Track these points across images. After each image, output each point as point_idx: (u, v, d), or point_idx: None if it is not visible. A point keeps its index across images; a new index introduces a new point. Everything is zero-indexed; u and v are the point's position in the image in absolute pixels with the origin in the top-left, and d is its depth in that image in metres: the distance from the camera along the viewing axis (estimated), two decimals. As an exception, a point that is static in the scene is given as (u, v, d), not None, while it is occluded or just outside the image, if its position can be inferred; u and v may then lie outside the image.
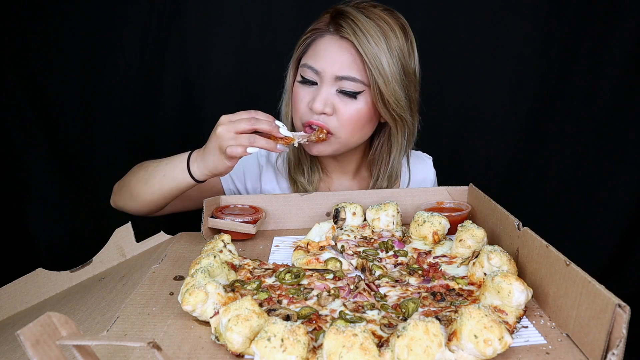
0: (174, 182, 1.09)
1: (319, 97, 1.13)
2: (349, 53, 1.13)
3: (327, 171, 1.33)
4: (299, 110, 1.18)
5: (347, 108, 1.14)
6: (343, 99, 1.14)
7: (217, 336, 0.67)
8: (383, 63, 1.12)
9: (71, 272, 1.10)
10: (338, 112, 1.14)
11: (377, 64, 1.11)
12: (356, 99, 1.14)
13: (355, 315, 0.72)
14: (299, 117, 1.18)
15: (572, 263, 0.67)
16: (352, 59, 1.13)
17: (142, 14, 1.82)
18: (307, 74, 1.16)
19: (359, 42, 1.11)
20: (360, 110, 1.15)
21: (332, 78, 1.13)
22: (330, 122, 1.14)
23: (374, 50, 1.11)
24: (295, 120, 1.21)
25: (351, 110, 1.14)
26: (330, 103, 1.14)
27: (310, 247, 0.97)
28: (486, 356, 0.59)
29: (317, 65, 1.14)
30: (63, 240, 1.93)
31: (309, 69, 1.15)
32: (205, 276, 0.75)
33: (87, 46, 1.82)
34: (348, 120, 1.15)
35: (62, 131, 1.88)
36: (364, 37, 1.11)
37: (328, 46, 1.15)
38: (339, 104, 1.14)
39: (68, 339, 0.49)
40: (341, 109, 1.14)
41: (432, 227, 0.97)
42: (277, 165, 1.34)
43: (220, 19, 1.86)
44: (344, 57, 1.13)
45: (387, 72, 1.12)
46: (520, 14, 1.93)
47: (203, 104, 1.92)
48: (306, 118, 1.16)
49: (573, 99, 2.00)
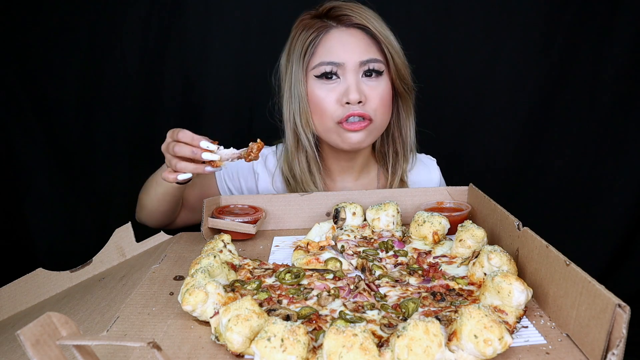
0: (162, 186, 1.13)
1: (351, 87, 1.14)
2: (363, 38, 1.16)
3: (332, 174, 1.31)
4: (327, 111, 1.16)
5: (376, 91, 1.16)
6: (368, 83, 1.16)
7: (217, 336, 0.67)
8: (391, 40, 1.18)
9: (71, 272, 1.10)
10: (369, 97, 1.16)
11: (389, 42, 1.17)
12: (379, 81, 1.17)
13: (355, 315, 0.72)
14: (330, 118, 1.16)
15: (572, 263, 0.67)
16: (368, 43, 1.17)
17: (142, 14, 1.82)
18: (326, 69, 1.15)
19: (370, 24, 1.15)
20: (385, 89, 1.18)
21: (356, 66, 1.14)
22: (367, 109, 1.15)
23: (382, 30, 1.16)
24: (325, 124, 1.17)
25: (380, 91, 1.17)
26: (361, 90, 1.15)
27: (310, 247, 0.97)
28: (486, 356, 0.59)
29: (337, 58, 1.14)
30: (63, 240, 1.93)
31: (328, 65, 1.15)
32: (205, 276, 0.75)
33: (87, 46, 1.83)
34: (380, 102, 1.17)
35: (62, 131, 1.88)
36: (370, 20, 1.16)
37: (340, 38, 1.16)
38: (367, 90, 1.16)
39: (68, 339, 0.49)
40: (371, 94, 1.16)
41: (432, 227, 0.97)
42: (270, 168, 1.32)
43: (220, 19, 1.86)
44: (360, 43, 1.16)
45: (396, 47, 1.19)
46: (520, 14, 1.93)
47: (203, 104, 1.92)
48: (340, 115, 1.15)
49: (573, 99, 2.00)
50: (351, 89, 1.13)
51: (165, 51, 1.86)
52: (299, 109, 1.19)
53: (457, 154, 2.05)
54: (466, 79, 1.98)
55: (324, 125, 1.18)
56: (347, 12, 1.16)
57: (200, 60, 1.89)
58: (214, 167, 0.96)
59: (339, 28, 1.17)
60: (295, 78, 1.18)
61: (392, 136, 1.29)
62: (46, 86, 1.84)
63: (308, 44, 1.17)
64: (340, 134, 1.17)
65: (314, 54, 1.17)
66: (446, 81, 1.97)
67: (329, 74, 1.15)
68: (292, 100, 1.20)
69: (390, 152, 1.30)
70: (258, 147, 0.97)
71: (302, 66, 1.18)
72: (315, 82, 1.17)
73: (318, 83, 1.16)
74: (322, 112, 1.17)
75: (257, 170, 1.33)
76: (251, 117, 1.93)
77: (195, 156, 0.95)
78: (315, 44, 1.16)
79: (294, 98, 1.20)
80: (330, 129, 1.18)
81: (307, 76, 1.18)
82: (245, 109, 1.91)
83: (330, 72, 1.15)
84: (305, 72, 1.18)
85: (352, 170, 1.30)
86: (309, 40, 1.17)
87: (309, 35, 1.17)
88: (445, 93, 1.98)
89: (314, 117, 1.19)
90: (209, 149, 0.95)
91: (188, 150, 0.95)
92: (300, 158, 1.24)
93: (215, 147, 0.95)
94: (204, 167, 0.96)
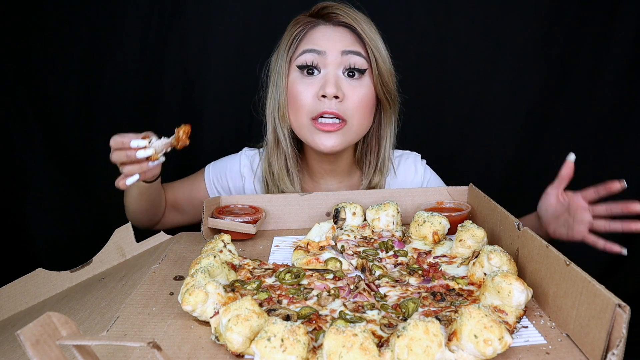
0: (136, 187, 1.15)
1: (329, 81, 1.12)
2: (349, 35, 1.16)
3: (315, 177, 1.30)
4: (304, 105, 1.14)
5: (355, 91, 1.14)
6: (350, 82, 1.15)
7: (217, 336, 0.67)
8: (379, 44, 1.17)
9: (71, 272, 1.10)
10: (347, 96, 1.14)
11: (375, 45, 1.16)
12: (360, 82, 1.15)
13: (355, 315, 0.72)
14: (306, 113, 1.14)
15: (572, 263, 0.67)
16: (353, 39, 1.16)
17: (142, 13, 1.82)
18: (306, 60, 1.14)
19: (357, 23, 1.15)
20: (367, 93, 1.16)
21: (337, 56, 1.13)
22: (343, 108, 1.13)
23: (369, 31, 1.16)
24: (301, 119, 1.16)
25: (360, 93, 1.15)
26: (339, 86, 1.13)
27: (310, 247, 0.97)
28: (486, 356, 0.59)
29: (320, 47, 1.14)
30: (63, 240, 1.93)
31: (310, 53, 1.14)
32: (205, 276, 0.75)
33: (87, 45, 1.82)
34: (358, 104, 1.15)
35: (62, 131, 1.88)
36: (358, 21, 1.16)
37: (325, 32, 1.16)
38: (346, 88, 1.14)
39: (68, 339, 0.49)
40: (350, 93, 1.14)
41: (432, 227, 0.97)
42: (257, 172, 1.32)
43: (220, 19, 1.85)
44: (345, 37, 1.15)
45: (382, 52, 1.17)
46: (520, 14, 1.92)
47: (203, 104, 1.92)
48: (316, 110, 1.13)
49: (573, 99, 2.00)
50: (329, 82, 1.11)
51: (165, 51, 1.86)
52: (278, 102, 1.19)
53: (457, 154, 2.05)
54: (466, 78, 1.98)
55: (298, 120, 1.17)
56: (336, 11, 1.16)
57: (200, 60, 1.89)
58: (155, 161, 0.98)
59: (326, 25, 1.17)
60: (279, 71, 1.18)
61: (369, 145, 1.28)
62: (46, 86, 1.84)
63: (294, 37, 1.17)
64: (313, 134, 1.15)
65: (299, 45, 1.17)
66: (446, 81, 1.96)
67: (310, 67, 1.14)
68: (273, 94, 1.21)
69: (366, 162, 1.29)
70: (184, 131, 0.97)
71: (286, 58, 1.18)
72: (296, 75, 1.16)
73: (299, 77, 1.16)
74: (298, 106, 1.15)
75: (243, 174, 1.33)
76: (251, 117, 1.92)
77: (130, 158, 0.96)
78: (301, 36, 1.17)
79: (275, 92, 1.20)
80: (303, 125, 1.16)
81: (289, 68, 1.18)
82: (245, 109, 1.90)
83: (311, 63, 1.14)
84: (288, 63, 1.18)
85: (335, 173, 1.29)
86: (295, 34, 1.17)
87: (296, 29, 1.18)
88: (445, 93, 1.97)
89: (290, 111, 1.18)
90: (139, 147, 0.96)
91: (123, 155, 0.96)
92: (280, 155, 1.24)
93: (145, 142, 0.96)
94: (146, 165, 0.98)
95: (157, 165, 1.00)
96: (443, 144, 2.01)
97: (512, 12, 1.92)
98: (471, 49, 1.95)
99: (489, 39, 1.94)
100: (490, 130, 2.03)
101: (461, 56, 1.96)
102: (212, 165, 1.35)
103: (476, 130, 2.03)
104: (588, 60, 1.96)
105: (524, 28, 1.94)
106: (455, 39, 1.94)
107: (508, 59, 1.96)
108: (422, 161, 1.38)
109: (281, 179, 1.24)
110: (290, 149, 1.23)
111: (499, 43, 1.95)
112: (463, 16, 1.92)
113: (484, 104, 2.01)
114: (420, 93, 1.28)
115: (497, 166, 2.07)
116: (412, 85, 1.33)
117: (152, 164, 0.98)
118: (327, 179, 1.30)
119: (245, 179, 1.32)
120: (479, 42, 1.94)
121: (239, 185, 1.33)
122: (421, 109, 1.30)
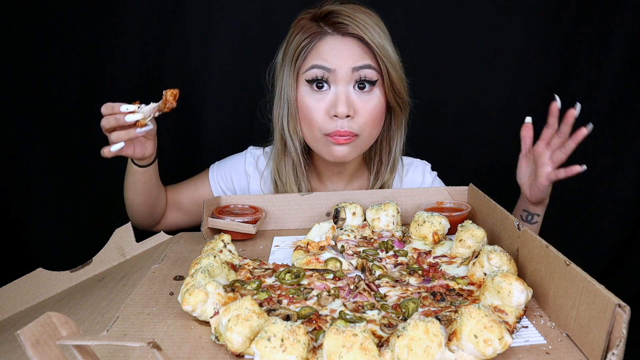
0: (130, 175, 1.17)
1: (340, 100, 1.11)
2: (358, 47, 1.12)
3: (322, 178, 1.31)
4: (315, 122, 1.14)
5: (366, 106, 1.13)
6: (360, 96, 1.13)
7: (217, 336, 0.67)
8: (389, 51, 1.13)
9: (71, 272, 1.10)
10: (358, 112, 1.13)
11: (385, 54, 1.12)
12: (371, 94, 1.14)
13: (355, 315, 0.72)
14: (317, 129, 1.14)
15: (572, 263, 0.67)
16: (363, 51, 1.12)
17: (142, 13, 1.82)
18: (316, 75, 1.12)
19: (365, 34, 1.11)
20: (377, 105, 1.15)
21: (348, 72, 1.11)
22: (354, 125, 1.13)
23: (378, 40, 1.12)
24: (314, 134, 1.16)
25: (370, 107, 1.14)
26: (351, 103, 1.12)
27: (310, 247, 0.97)
28: (486, 356, 0.59)
29: (329, 64, 1.11)
30: (63, 240, 1.93)
31: (319, 69, 1.12)
32: (205, 276, 0.75)
33: (87, 46, 1.82)
34: (369, 118, 1.14)
35: (62, 131, 1.87)
36: (367, 29, 1.11)
37: (334, 46, 1.12)
38: (357, 103, 1.13)
39: (68, 339, 0.49)
40: (361, 108, 1.13)
41: (432, 227, 0.97)
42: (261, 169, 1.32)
43: (221, 19, 1.85)
44: (354, 51, 1.12)
45: (393, 59, 1.14)
46: (520, 14, 1.92)
47: (203, 104, 1.92)
48: (328, 129, 1.13)
49: (573, 98, 1.99)
50: (340, 101, 1.11)
51: (165, 51, 1.86)
52: (288, 114, 1.18)
53: (457, 154, 2.05)
54: (466, 78, 1.98)
55: (312, 134, 1.17)
56: (345, 19, 1.11)
57: (200, 60, 1.89)
58: (142, 127, 1.01)
59: (334, 36, 1.13)
60: (286, 82, 1.17)
61: (380, 145, 1.27)
62: (46, 86, 1.83)
63: (301, 49, 1.14)
64: (327, 145, 1.15)
65: (306, 58, 1.14)
66: (446, 80, 1.96)
67: (320, 81, 1.12)
68: (281, 103, 1.19)
69: (376, 160, 1.29)
70: (172, 94, 0.99)
71: (293, 70, 1.15)
72: (305, 89, 1.15)
73: (308, 90, 1.14)
74: (310, 121, 1.15)
75: (248, 172, 1.32)
76: (251, 117, 1.93)
77: (119, 122, 1.00)
78: (308, 49, 1.14)
79: (283, 102, 1.19)
80: (317, 139, 1.16)
81: (298, 80, 1.16)
82: (245, 109, 1.90)
83: (321, 78, 1.12)
84: (296, 76, 1.16)
85: (342, 175, 1.29)
86: (303, 45, 1.14)
87: (303, 39, 1.14)
88: (445, 92, 1.97)
89: (302, 124, 1.18)
90: (128, 110, 0.99)
91: (112, 120, 1.00)
92: (287, 161, 1.24)
93: (135, 107, 1.00)
94: (134, 131, 1.01)
95: (147, 141, 1.05)
96: (443, 144, 2.01)
97: (512, 11, 1.92)
98: (471, 49, 1.95)
99: (489, 38, 1.94)
100: (490, 130, 2.02)
101: (461, 56, 1.96)
102: (217, 165, 1.35)
103: (476, 130, 2.03)
104: (588, 60, 1.96)
105: (524, 28, 1.94)
106: (455, 38, 1.94)
107: (508, 59, 1.96)
108: (432, 172, 1.38)
109: (288, 185, 1.25)
110: (298, 158, 1.22)
111: (499, 43, 1.95)
112: (463, 16, 1.92)
113: (483, 103, 2.01)
114: (420, 93, 1.28)
115: (497, 166, 2.07)
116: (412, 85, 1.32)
117: (140, 130, 1.01)
118: (334, 180, 1.30)
119: (250, 177, 1.32)
120: (479, 42, 1.94)
121: (244, 184, 1.33)
122: (421, 109, 1.30)
